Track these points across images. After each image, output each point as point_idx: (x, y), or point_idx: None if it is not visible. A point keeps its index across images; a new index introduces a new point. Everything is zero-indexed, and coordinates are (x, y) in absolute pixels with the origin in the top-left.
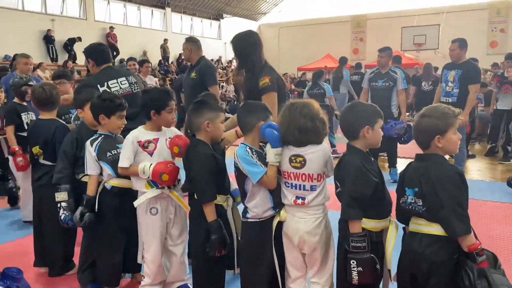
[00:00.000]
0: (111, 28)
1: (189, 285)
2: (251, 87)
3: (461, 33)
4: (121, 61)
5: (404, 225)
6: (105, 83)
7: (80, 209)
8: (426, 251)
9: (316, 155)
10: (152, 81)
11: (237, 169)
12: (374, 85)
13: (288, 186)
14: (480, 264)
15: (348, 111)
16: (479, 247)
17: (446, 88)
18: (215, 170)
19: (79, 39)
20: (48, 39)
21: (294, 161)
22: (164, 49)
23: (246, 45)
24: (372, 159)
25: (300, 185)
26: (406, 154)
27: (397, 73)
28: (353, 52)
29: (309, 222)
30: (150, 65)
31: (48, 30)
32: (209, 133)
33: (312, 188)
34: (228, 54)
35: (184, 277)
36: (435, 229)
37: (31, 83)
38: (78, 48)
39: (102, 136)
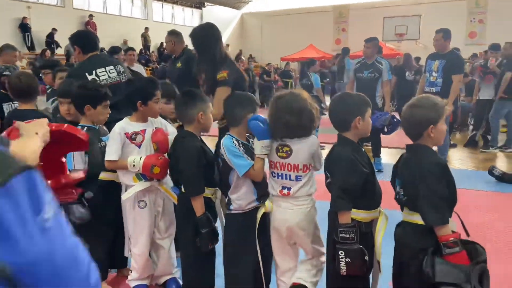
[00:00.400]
0: (90, 16)
1: (177, 278)
2: (211, 79)
3: (440, 24)
4: (102, 50)
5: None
6: (93, 72)
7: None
8: (407, 239)
9: (303, 145)
10: (141, 70)
11: (222, 161)
12: (360, 75)
13: (275, 176)
14: (449, 256)
15: (337, 103)
16: (450, 239)
17: (430, 78)
18: (203, 162)
19: (55, 30)
20: (23, 27)
21: (280, 150)
22: (145, 38)
23: (207, 38)
24: (363, 149)
25: (285, 175)
26: (389, 144)
27: (382, 64)
28: (335, 42)
29: (296, 212)
30: (135, 52)
31: (24, 17)
32: (201, 124)
33: (297, 179)
34: None
35: (172, 271)
36: (417, 218)
37: (6, 72)
38: (57, 37)
39: (86, 128)
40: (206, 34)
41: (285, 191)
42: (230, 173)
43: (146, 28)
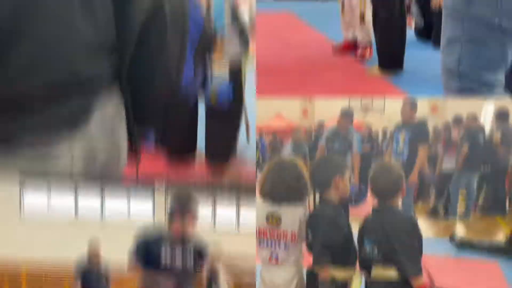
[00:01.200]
0: None
1: None
2: None
3: None
4: None
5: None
6: None
7: None
8: None
9: (294, 212)
10: None
11: None
12: (330, 146)
13: (263, 244)
14: None
15: (319, 162)
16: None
17: (397, 149)
18: None
19: None
20: None
21: (270, 219)
22: None
23: None
24: (343, 211)
25: (274, 242)
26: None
27: (354, 136)
28: (303, 113)
29: (282, 275)
30: None
31: None
32: None
33: (286, 247)
34: None
35: None
36: (390, 273)
37: None
38: None
39: None
40: None
41: (273, 260)
42: None
43: None
